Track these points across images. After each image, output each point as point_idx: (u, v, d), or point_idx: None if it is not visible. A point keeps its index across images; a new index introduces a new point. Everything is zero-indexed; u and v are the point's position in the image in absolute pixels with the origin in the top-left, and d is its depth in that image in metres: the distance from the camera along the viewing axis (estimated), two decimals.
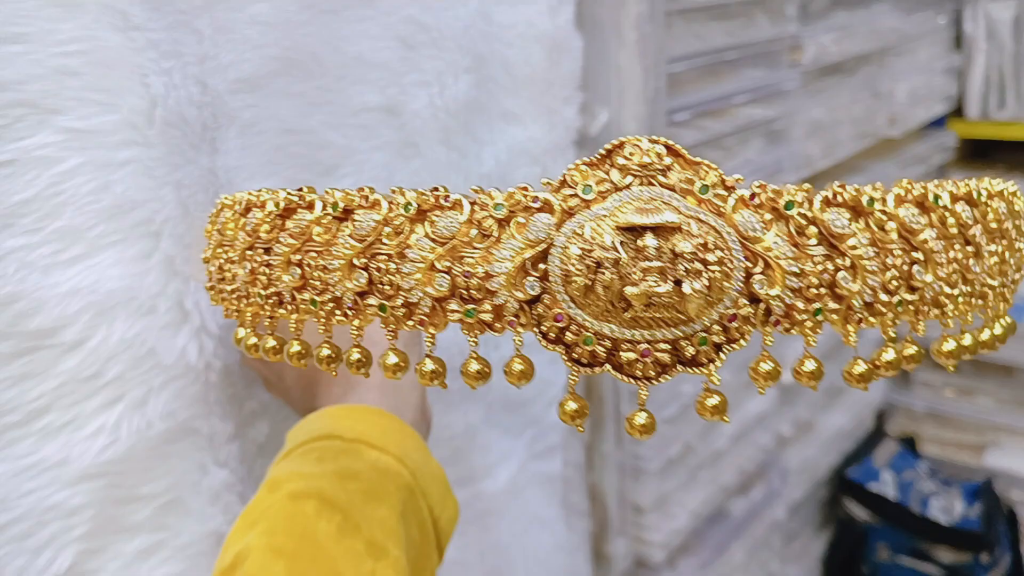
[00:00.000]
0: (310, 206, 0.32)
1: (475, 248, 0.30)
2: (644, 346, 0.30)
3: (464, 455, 0.74)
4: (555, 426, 0.85)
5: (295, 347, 0.34)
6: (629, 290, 0.29)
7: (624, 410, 1.00)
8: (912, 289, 0.31)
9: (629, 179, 0.30)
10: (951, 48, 1.63)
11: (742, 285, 0.29)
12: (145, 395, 0.51)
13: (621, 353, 0.30)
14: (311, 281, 0.32)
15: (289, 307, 0.33)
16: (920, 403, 1.62)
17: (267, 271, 0.33)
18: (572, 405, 0.31)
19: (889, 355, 0.31)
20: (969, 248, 0.32)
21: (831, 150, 1.28)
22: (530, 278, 0.30)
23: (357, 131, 0.63)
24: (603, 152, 0.30)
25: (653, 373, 0.30)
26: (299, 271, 0.32)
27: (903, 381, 1.69)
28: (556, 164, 0.81)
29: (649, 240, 0.29)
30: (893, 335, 0.31)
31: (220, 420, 0.54)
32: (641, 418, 0.31)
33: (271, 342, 0.35)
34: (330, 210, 0.32)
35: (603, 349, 0.30)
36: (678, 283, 0.29)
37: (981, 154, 1.85)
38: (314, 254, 0.32)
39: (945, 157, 1.68)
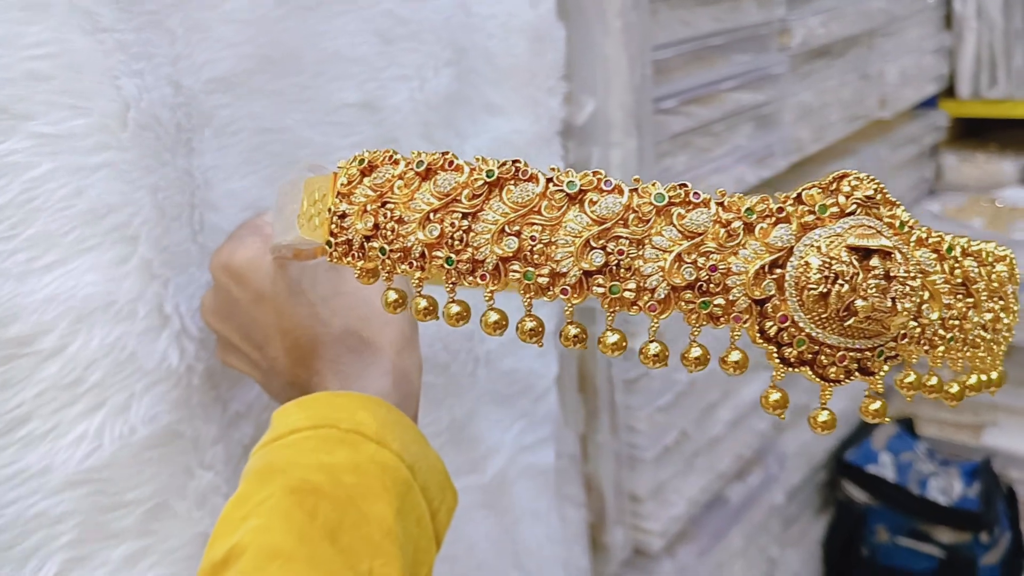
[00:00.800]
0: (394, 163, 0.36)
1: (723, 248, 0.33)
2: (841, 353, 0.33)
3: (452, 450, 0.74)
4: (546, 419, 0.85)
5: (454, 309, 0.36)
6: (859, 303, 0.32)
7: (619, 400, 0.99)
8: (947, 329, 0.35)
9: (853, 207, 0.33)
10: (941, 28, 1.62)
11: (918, 311, 0.34)
12: (127, 400, 0.51)
13: (820, 357, 0.34)
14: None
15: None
16: None
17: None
18: (775, 396, 0.35)
19: (911, 378, 0.36)
20: (969, 299, 0.36)
21: (821, 133, 1.28)
22: (768, 280, 0.33)
23: (336, 128, 0.62)
24: (831, 179, 0.34)
25: (842, 376, 0.34)
26: (372, 220, 0.36)
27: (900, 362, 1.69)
28: (541, 155, 0.80)
29: (876, 261, 0.33)
30: (915, 361, 0.36)
31: (204, 423, 0.54)
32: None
33: (423, 302, 0.36)
34: (415, 167, 0.35)
35: (811, 353, 0.34)
36: (894, 300, 0.33)
37: (973, 133, 1.85)
38: (459, 214, 0.35)
39: (937, 137, 1.67)
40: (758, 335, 0.33)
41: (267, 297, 0.48)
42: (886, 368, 0.34)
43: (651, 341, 0.34)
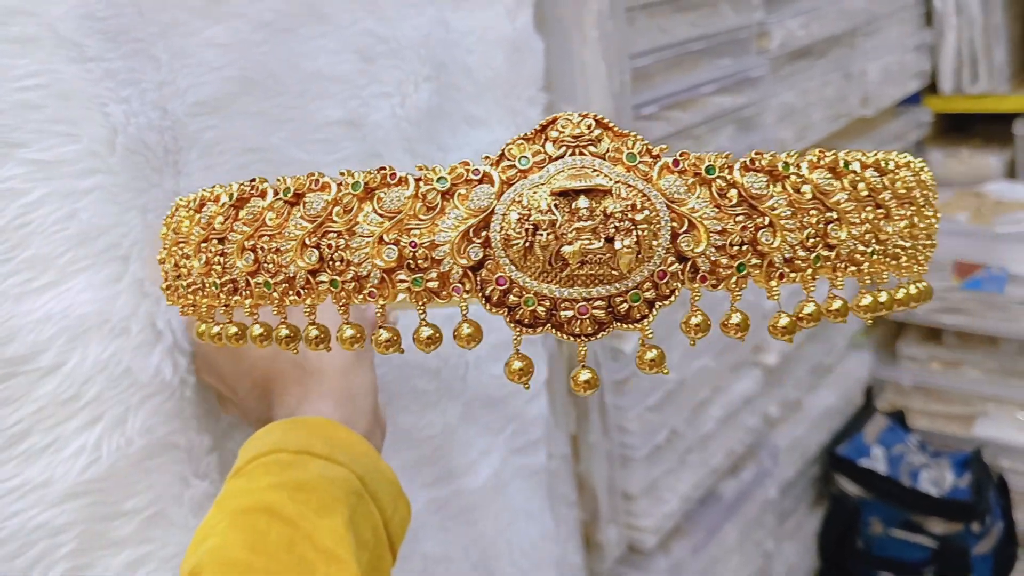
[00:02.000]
0: (262, 194, 0.35)
1: (421, 220, 0.32)
2: (581, 304, 0.32)
3: (444, 453, 0.76)
4: (536, 421, 0.86)
5: (257, 330, 0.36)
6: (565, 249, 0.31)
7: (608, 400, 1.01)
8: (829, 247, 0.33)
9: (562, 150, 0.32)
10: (921, 25, 1.64)
11: (670, 244, 0.32)
12: (124, 413, 0.53)
13: (560, 312, 0.32)
14: (264, 264, 0.34)
15: (244, 293, 0.35)
16: (908, 377, 1.64)
17: (221, 260, 0.35)
18: (517, 364, 0.33)
19: (810, 308, 0.34)
20: (880, 211, 0.35)
21: (804, 133, 1.30)
22: (473, 245, 0.32)
23: (320, 146, 0.64)
24: (538, 127, 0.32)
25: (591, 330, 0.32)
26: (252, 256, 0.34)
27: (890, 356, 1.70)
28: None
29: (582, 202, 0.31)
30: (812, 288, 0.34)
31: (198, 433, 0.56)
32: (584, 375, 0.33)
33: (233, 328, 0.37)
34: (282, 195, 0.34)
35: (543, 309, 0.32)
36: (610, 240, 0.31)
37: (957, 128, 1.87)
38: (267, 238, 0.34)
39: (921, 133, 1.69)
40: (485, 302, 0.32)
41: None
42: (652, 312, 0.32)
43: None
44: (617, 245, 0.31)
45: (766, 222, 0.32)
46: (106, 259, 0.51)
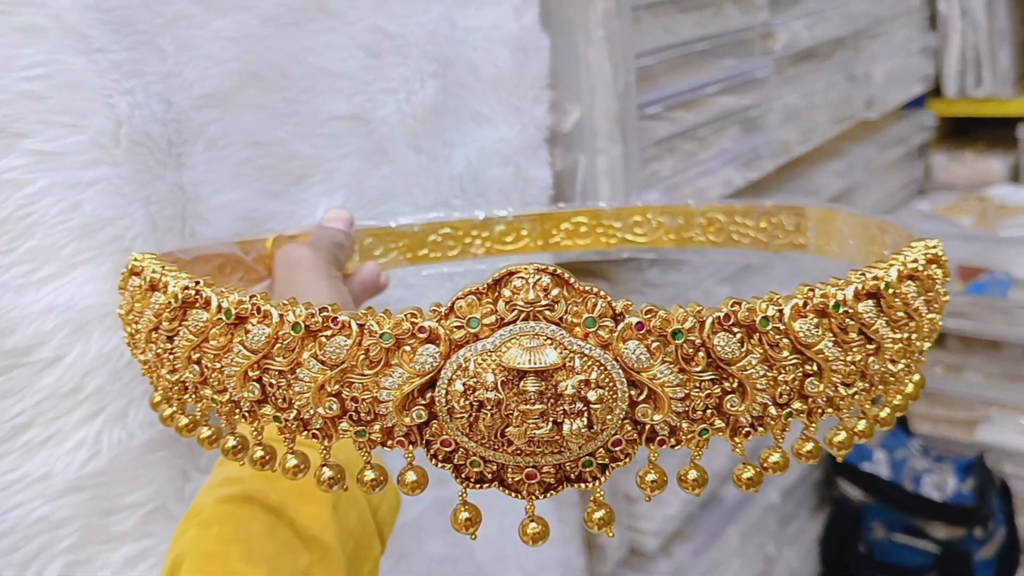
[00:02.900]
0: (206, 303, 0.33)
1: (363, 375, 0.30)
2: (530, 470, 0.31)
3: None
4: None
5: (205, 432, 0.35)
6: (510, 430, 0.29)
7: None
8: (804, 398, 0.31)
9: (515, 313, 0.30)
10: (926, 28, 1.64)
11: (626, 412, 0.30)
12: (125, 407, 0.52)
13: (509, 475, 0.31)
14: (210, 379, 0.33)
15: (193, 396, 0.34)
16: None
17: (171, 359, 0.34)
18: (464, 515, 0.33)
19: (775, 457, 0.32)
20: (871, 346, 0.32)
21: (808, 135, 1.30)
22: (417, 407, 0.30)
23: (325, 140, 0.64)
24: (491, 282, 0.30)
25: (539, 491, 0.31)
26: (198, 368, 0.33)
27: None
28: (528, 163, 0.82)
29: (530, 384, 0.29)
30: (782, 439, 0.32)
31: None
32: (534, 527, 0.32)
33: (183, 420, 0.36)
34: (223, 316, 0.32)
35: (491, 472, 0.31)
36: (558, 424, 0.29)
37: (961, 132, 1.87)
38: (211, 356, 0.32)
39: (925, 137, 1.69)
40: (431, 457, 0.31)
41: None
42: (605, 475, 0.30)
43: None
44: (565, 430, 0.29)
45: (735, 385, 0.30)
46: (109, 251, 0.50)
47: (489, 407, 0.29)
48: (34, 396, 0.49)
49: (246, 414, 0.32)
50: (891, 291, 0.32)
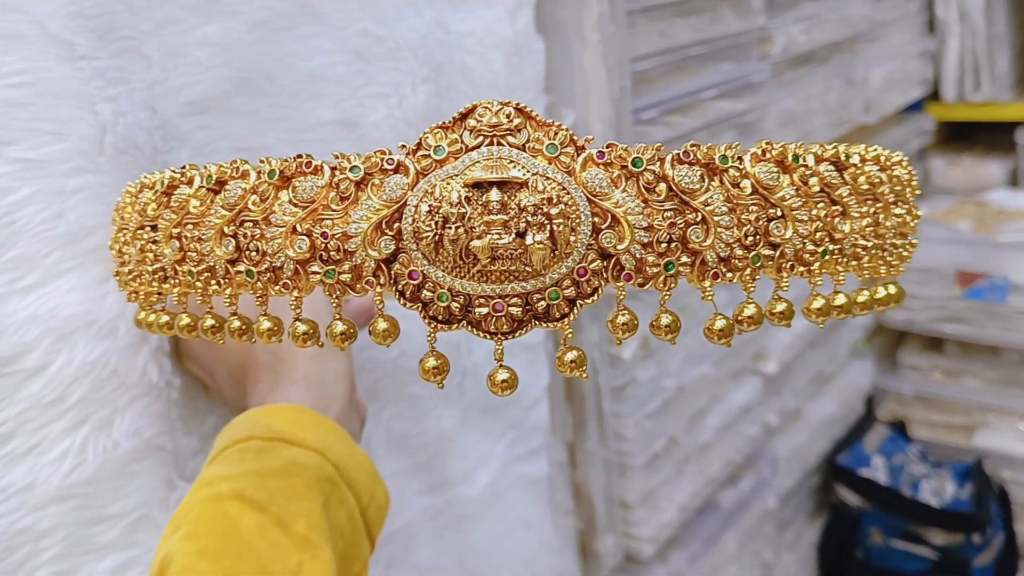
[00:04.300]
0: (189, 181, 0.34)
1: (334, 210, 0.31)
2: (497, 301, 0.31)
3: (440, 460, 0.75)
4: (537, 429, 0.86)
5: (184, 320, 0.35)
6: (474, 243, 0.30)
7: (606, 408, 1.00)
8: (772, 245, 0.31)
9: (479, 139, 0.31)
10: (924, 32, 1.63)
11: (591, 240, 0.30)
12: (110, 416, 0.52)
13: (475, 309, 0.31)
14: (188, 253, 0.34)
15: (172, 281, 0.35)
16: (909, 387, 1.63)
17: (153, 247, 0.35)
18: (432, 362, 0.32)
19: (750, 310, 0.32)
20: (835, 207, 0.32)
21: (806, 139, 1.29)
22: (385, 237, 0.31)
23: (314, 146, 0.63)
24: (457, 115, 0.31)
25: (507, 328, 0.31)
26: (178, 244, 0.34)
27: (892, 365, 1.69)
28: None
29: (494, 195, 0.30)
30: (752, 289, 0.32)
31: (184, 436, 0.55)
32: (503, 374, 0.32)
33: (164, 317, 0.36)
34: (204, 183, 0.33)
35: (458, 306, 0.31)
36: (521, 235, 0.30)
37: (959, 136, 1.86)
38: (191, 226, 0.33)
39: (923, 141, 1.68)
40: (399, 297, 0.31)
41: None
42: (574, 312, 0.31)
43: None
44: (528, 240, 0.30)
45: (698, 218, 0.30)
46: (93, 259, 0.50)
47: (454, 221, 0.30)
48: (18, 405, 0.49)
49: (221, 280, 0.33)
50: (851, 161, 0.33)
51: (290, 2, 0.61)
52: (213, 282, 0.33)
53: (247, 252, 0.32)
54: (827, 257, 0.32)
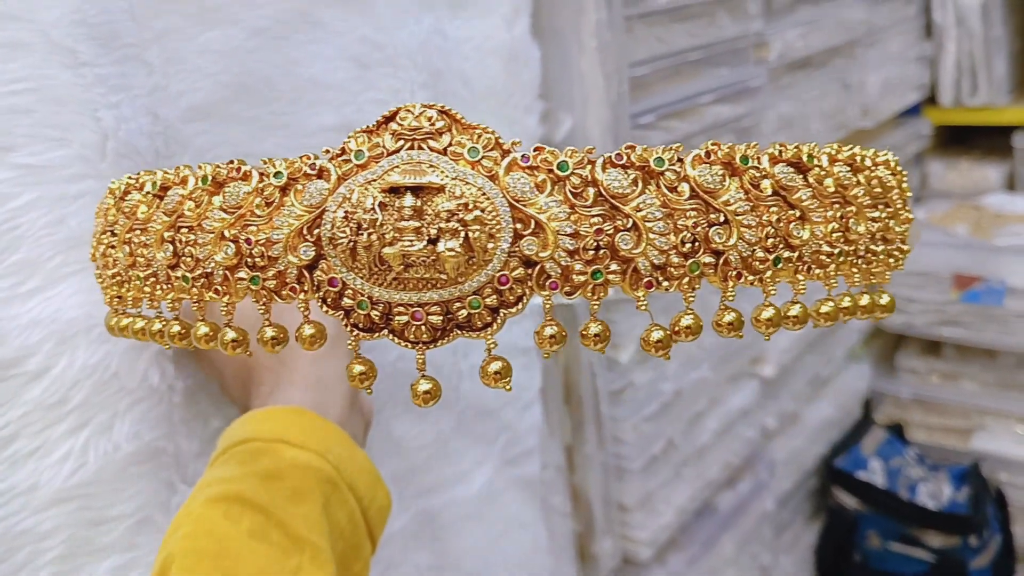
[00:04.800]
0: (140, 186, 0.35)
1: (258, 216, 0.31)
2: (416, 309, 0.30)
3: (436, 463, 0.76)
4: (530, 431, 0.86)
5: (174, 327, 0.35)
6: (386, 250, 0.29)
7: (604, 411, 1.01)
8: (714, 253, 0.30)
9: (400, 143, 0.30)
10: (921, 37, 1.64)
11: (511, 247, 0.29)
12: (111, 419, 0.52)
13: (396, 317, 0.30)
14: (137, 258, 0.34)
15: (127, 286, 0.35)
16: (906, 390, 1.64)
17: (144, 252, 0.35)
18: (358, 368, 0.32)
19: (687, 320, 0.30)
20: (850, 208, 0.31)
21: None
22: (305, 243, 0.30)
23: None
24: (382, 118, 0.31)
25: (428, 337, 0.30)
26: (128, 248, 0.34)
27: (889, 369, 1.70)
28: None
29: (407, 200, 0.29)
30: (691, 299, 0.30)
31: (185, 439, 0.55)
32: (424, 385, 0.32)
33: (156, 324, 0.36)
34: (151, 188, 0.34)
35: (378, 314, 0.31)
36: (433, 242, 0.29)
37: (957, 140, 1.87)
38: (139, 231, 0.34)
39: (921, 145, 1.69)
40: (322, 304, 0.31)
41: None
42: (497, 321, 0.30)
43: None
44: (440, 248, 0.29)
45: (628, 224, 0.29)
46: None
47: (366, 227, 0.29)
48: (20, 408, 0.49)
49: (164, 284, 0.33)
50: (815, 162, 0.31)
51: (290, 9, 0.61)
52: (158, 287, 0.34)
53: (184, 258, 0.32)
54: (780, 265, 0.30)
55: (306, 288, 0.31)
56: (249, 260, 0.31)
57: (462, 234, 0.29)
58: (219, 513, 0.41)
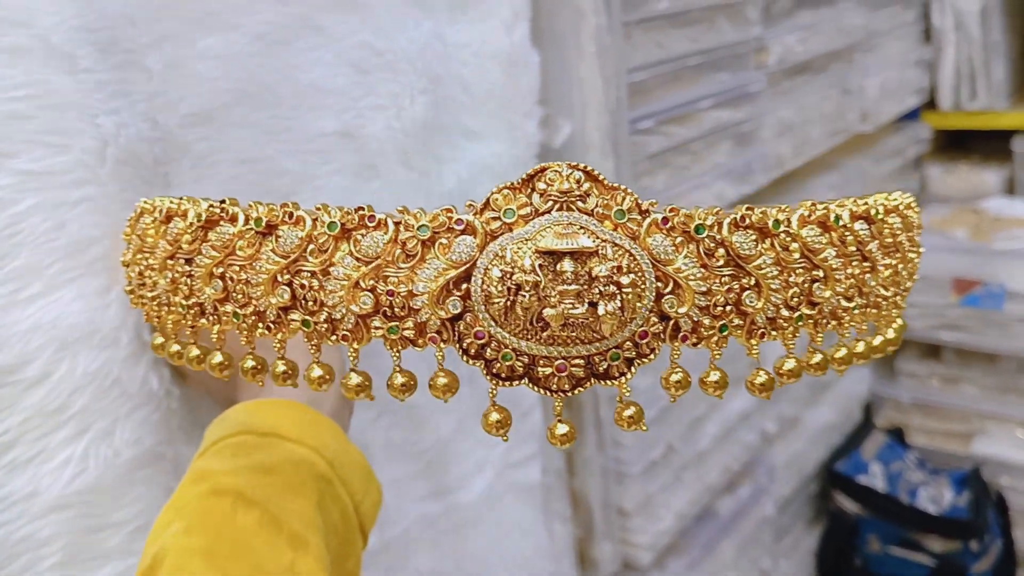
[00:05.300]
0: (232, 219, 0.34)
1: (399, 268, 0.31)
2: (560, 362, 0.31)
3: (437, 467, 0.75)
4: (531, 436, 0.86)
5: (217, 358, 0.36)
6: (547, 312, 0.30)
7: (604, 415, 1.01)
8: (812, 304, 0.33)
9: (550, 204, 0.31)
10: (920, 41, 1.64)
11: (653, 304, 0.31)
12: (111, 425, 0.52)
13: (538, 368, 0.32)
14: (233, 294, 0.34)
15: (211, 318, 0.35)
16: (907, 394, 1.64)
17: (188, 281, 0.35)
18: (495, 416, 0.33)
19: (791, 364, 0.34)
20: (866, 264, 0.34)
21: (802, 149, 1.30)
22: (453, 297, 0.31)
23: (314, 156, 0.64)
24: (525, 177, 0.31)
25: (568, 386, 0.32)
26: (221, 283, 0.34)
27: (889, 373, 1.70)
28: None
29: (567, 264, 0.30)
30: (793, 346, 0.33)
31: (185, 444, 0.55)
32: (561, 429, 0.33)
33: (195, 351, 0.36)
34: (252, 225, 0.33)
35: (521, 365, 0.32)
36: (593, 304, 0.30)
37: (956, 145, 1.87)
38: (237, 267, 0.33)
39: (920, 149, 1.69)
40: (462, 353, 0.32)
41: None
42: (631, 371, 0.32)
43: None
44: (600, 311, 0.30)
45: (752, 283, 0.32)
46: (95, 270, 0.51)
47: (527, 289, 0.30)
48: (20, 414, 0.49)
49: (271, 324, 0.33)
50: (880, 218, 0.34)
51: (290, 15, 0.61)
52: (261, 326, 0.33)
53: (303, 302, 0.32)
54: (856, 311, 0.34)
55: (445, 338, 0.31)
56: (387, 311, 0.31)
57: (618, 297, 0.31)
58: (214, 508, 0.41)
